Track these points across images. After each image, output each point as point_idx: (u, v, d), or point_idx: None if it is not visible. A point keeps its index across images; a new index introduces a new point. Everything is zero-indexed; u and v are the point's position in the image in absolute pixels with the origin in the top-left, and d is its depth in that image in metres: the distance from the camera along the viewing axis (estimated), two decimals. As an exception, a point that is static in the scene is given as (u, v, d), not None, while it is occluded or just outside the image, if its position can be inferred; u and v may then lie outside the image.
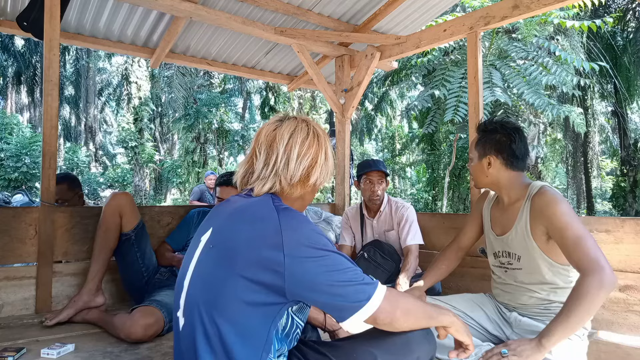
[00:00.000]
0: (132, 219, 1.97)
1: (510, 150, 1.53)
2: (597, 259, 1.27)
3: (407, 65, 8.00)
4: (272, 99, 15.38)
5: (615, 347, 1.66)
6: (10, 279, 1.95)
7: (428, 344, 1.09)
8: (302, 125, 1.09)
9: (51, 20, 2.09)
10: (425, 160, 11.54)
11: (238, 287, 0.90)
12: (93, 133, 21.94)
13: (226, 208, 1.06)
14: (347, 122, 3.51)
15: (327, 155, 1.11)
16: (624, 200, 11.40)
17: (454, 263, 1.81)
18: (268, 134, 1.07)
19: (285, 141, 1.04)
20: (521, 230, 1.51)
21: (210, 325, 0.91)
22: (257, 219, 0.95)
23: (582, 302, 1.23)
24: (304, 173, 1.05)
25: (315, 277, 0.91)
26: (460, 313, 1.63)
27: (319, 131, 1.11)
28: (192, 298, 0.98)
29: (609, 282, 1.24)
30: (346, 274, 0.93)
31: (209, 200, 6.30)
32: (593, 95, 10.84)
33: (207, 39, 3.34)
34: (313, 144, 1.07)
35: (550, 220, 1.39)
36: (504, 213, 1.62)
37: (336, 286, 0.92)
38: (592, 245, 1.29)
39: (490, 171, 1.57)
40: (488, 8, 2.53)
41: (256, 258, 0.90)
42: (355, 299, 0.93)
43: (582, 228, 1.33)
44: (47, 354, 1.43)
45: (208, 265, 0.97)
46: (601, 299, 1.24)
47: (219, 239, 0.99)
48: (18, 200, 3.95)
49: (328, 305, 0.94)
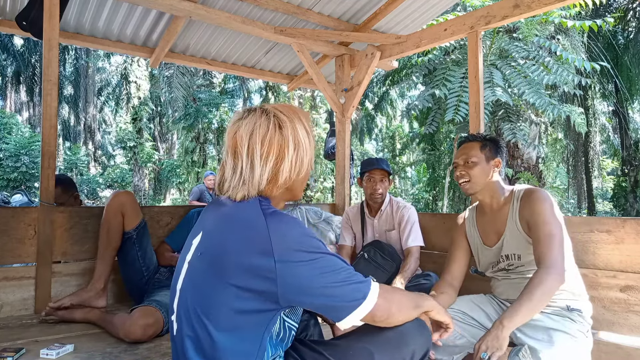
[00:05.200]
0: (133, 218, 1.97)
1: (504, 157, 1.72)
2: (558, 258, 1.43)
3: (407, 65, 7.98)
4: (272, 99, 15.36)
5: (616, 348, 1.66)
6: (9, 279, 1.95)
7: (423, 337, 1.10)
8: (261, 119, 0.99)
9: (50, 20, 2.08)
10: (426, 160, 11.54)
11: (229, 296, 0.89)
12: (92, 133, 21.93)
13: (215, 211, 1.03)
14: (347, 122, 3.50)
15: (296, 143, 1.00)
16: (624, 200, 11.39)
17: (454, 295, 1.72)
18: (230, 138, 1.01)
19: (246, 145, 0.97)
20: (514, 229, 1.60)
21: (202, 332, 0.90)
22: (245, 225, 0.92)
23: (541, 290, 1.36)
24: (270, 175, 0.98)
25: (309, 281, 0.89)
26: (460, 313, 1.64)
27: (282, 119, 1.00)
28: (184, 304, 0.97)
29: (562, 280, 1.41)
30: (340, 274, 0.92)
31: (208, 200, 6.30)
32: (594, 95, 10.83)
33: (207, 38, 3.33)
34: (275, 139, 0.98)
35: (532, 215, 1.52)
36: (492, 221, 1.69)
37: (331, 287, 0.91)
38: (559, 246, 1.45)
39: (494, 174, 1.67)
40: (489, 7, 2.52)
41: (246, 266, 0.88)
42: (352, 298, 0.93)
43: (556, 228, 1.47)
44: (46, 354, 1.42)
45: (198, 271, 0.96)
46: (554, 291, 1.40)
47: (207, 245, 0.97)
48: (17, 200, 3.95)
49: (324, 307, 0.93)
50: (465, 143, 1.74)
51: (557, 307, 1.51)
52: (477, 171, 1.67)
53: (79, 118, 21.31)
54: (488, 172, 1.67)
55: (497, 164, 1.68)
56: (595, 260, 1.86)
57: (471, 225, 1.79)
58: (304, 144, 1.02)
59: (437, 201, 10.85)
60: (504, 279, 1.68)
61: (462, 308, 1.65)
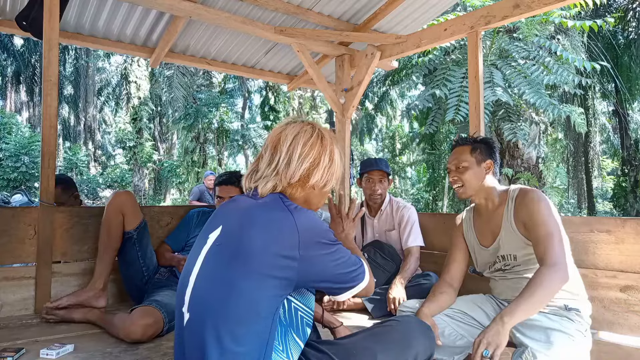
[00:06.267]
0: (134, 218, 1.97)
1: (496, 157, 1.71)
2: (560, 255, 1.43)
3: (407, 65, 7.98)
4: (272, 99, 15.37)
5: (616, 348, 1.65)
6: (9, 279, 1.95)
7: (427, 340, 1.13)
8: (307, 127, 1.12)
9: (50, 20, 2.08)
10: (426, 160, 11.54)
11: (251, 286, 0.94)
12: (92, 133, 21.93)
13: (235, 208, 1.08)
14: (347, 122, 3.50)
15: (332, 157, 1.12)
16: (624, 200, 11.39)
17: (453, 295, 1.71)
18: (274, 136, 1.11)
19: (289, 142, 1.08)
20: (509, 229, 1.60)
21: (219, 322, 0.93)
22: (272, 221, 0.99)
23: (543, 288, 1.36)
24: (304, 173, 1.07)
25: (325, 269, 1.02)
26: (461, 313, 1.65)
27: (324, 133, 1.13)
28: (199, 295, 1.00)
29: (565, 277, 1.40)
30: (348, 263, 1.06)
31: (208, 201, 6.30)
32: (594, 95, 10.83)
33: (207, 38, 3.33)
34: (315, 145, 1.09)
35: (529, 216, 1.52)
36: (488, 222, 1.70)
37: (341, 275, 1.05)
38: (559, 243, 1.45)
39: (487, 176, 1.68)
40: (489, 7, 2.52)
41: (274, 258, 0.95)
42: (354, 281, 1.08)
43: (554, 226, 1.47)
44: (46, 354, 1.42)
45: (218, 264, 0.99)
46: (557, 289, 1.39)
47: (229, 240, 1.00)
48: (17, 200, 3.94)
49: (330, 288, 1.06)
50: (456, 147, 1.74)
51: (555, 306, 1.51)
52: (468, 175, 1.67)
53: (79, 118, 21.31)
54: (480, 175, 1.67)
55: (489, 166, 1.68)
56: (595, 260, 1.86)
57: (468, 227, 1.80)
58: (337, 162, 1.14)
59: (437, 201, 10.84)
60: (501, 279, 1.68)
61: (462, 308, 1.66)
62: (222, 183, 2.20)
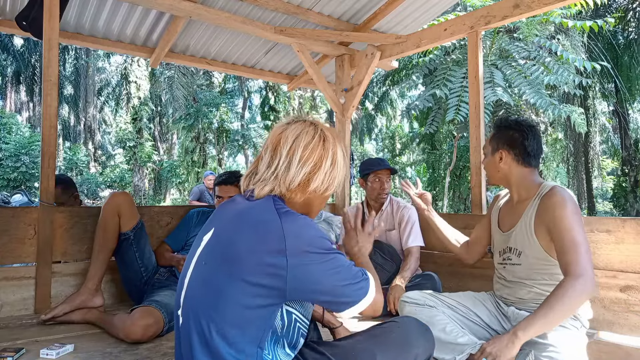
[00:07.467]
0: (130, 219, 1.96)
1: (522, 146, 1.57)
2: (587, 267, 1.33)
3: (407, 65, 7.99)
4: (272, 99, 15.37)
5: (616, 348, 1.65)
6: (9, 279, 1.95)
7: (426, 341, 1.12)
8: (309, 128, 1.05)
9: (50, 20, 2.08)
10: (426, 160, 11.54)
11: (238, 291, 0.91)
12: (92, 133, 21.93)
13: (229, 209, 1.06)
14: (347, 122, 3.50)
15: (334, 160, 1.06)
16: (624, 200, 11.40)
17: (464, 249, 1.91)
18: (274, 137, 1.05)
19: (289, 145, 1.02)
20: (525, 226, 1.55)
21: (207, 325, 0.92)
22: (260, 223, 0.94)
23: (565, 302, 1.29)
24: (304, 178, 1.02)
25: (319, 280, 0.94)
26: (464, 307, 1.66)
27: (327, 134, 1.07)
28: (190, 297, 0.99)
29: (591, 291, 1.31)
30: (346, 273, 0.98)
31: (208, 201, 6.30)
32: (594, 95, 10.84)
33: (207, 38, 3.33)
34: (317, 149, 1.03)
35: (554, 222, 1.43)
36: (512, 210, 1.66)
37: (339, 287, 0.96)
38: (586, 254, 1.35)
39: (502, 166, 1.61)
40: (489, 7, 2.52)
41: (259, 263, 0.90)
42: (356, 295, 0.99)
43: (581, 234, 1.38)
44: (46, 354, 1.42)
45: (208, 267, 0.97)
46: (580, 303, 1.32)
47: (219, 241, 0.98)
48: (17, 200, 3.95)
49: (329, 302, 0.99)
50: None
51: None
52: (486, 163, 1.68)
53: (79, 118, 21.32)
54: (495, 164, 1.62)
55: (501, 156, 1.60)
56: (595, 260, 1.85)
57: (496, 208, 1.79)
58: (339, 164, 1.07)
59: (437, 201, 10.84)
60: (501, 276, 1.68)
61: (466, 303, 1.67)
62: (222, 183, 2.20)
